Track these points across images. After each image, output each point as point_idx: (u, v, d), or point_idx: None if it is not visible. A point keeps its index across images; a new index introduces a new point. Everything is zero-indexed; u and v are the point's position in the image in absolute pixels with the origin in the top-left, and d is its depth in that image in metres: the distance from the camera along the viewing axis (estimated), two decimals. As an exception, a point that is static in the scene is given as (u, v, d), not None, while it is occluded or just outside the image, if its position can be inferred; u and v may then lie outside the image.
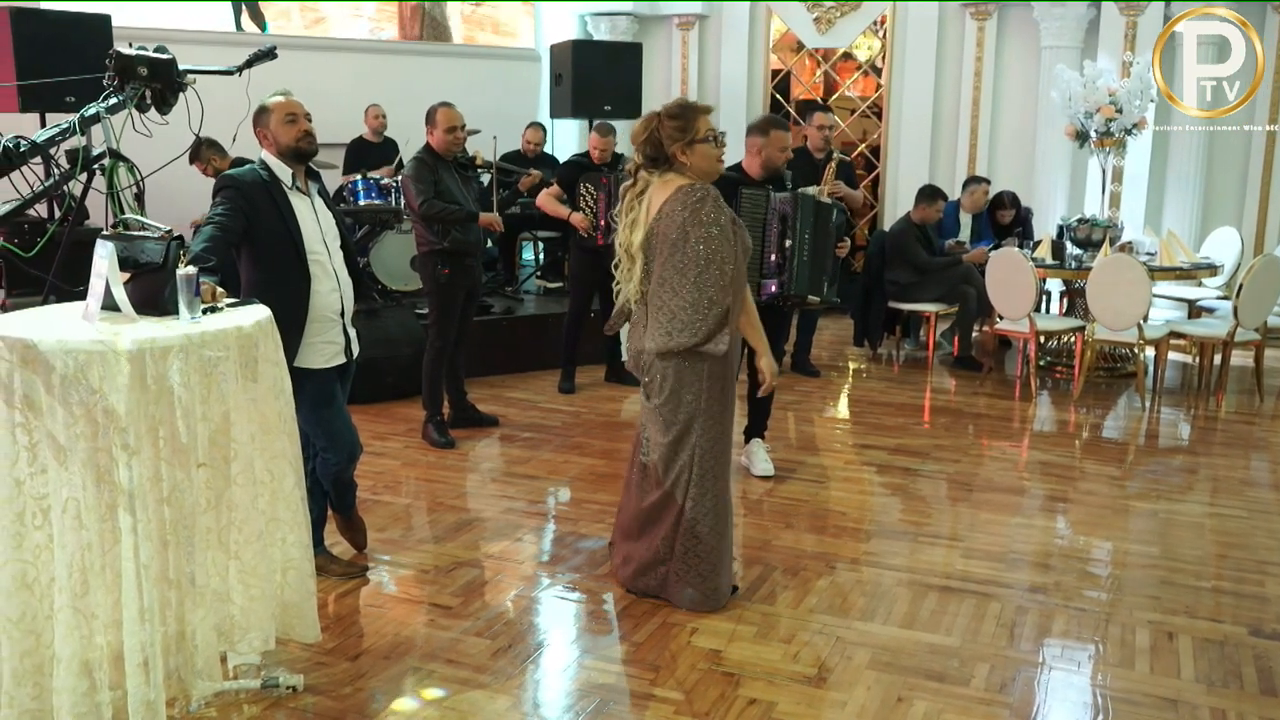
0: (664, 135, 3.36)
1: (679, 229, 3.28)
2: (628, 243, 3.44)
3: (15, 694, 2.44)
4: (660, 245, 3.34)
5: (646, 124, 3.41)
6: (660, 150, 3.38)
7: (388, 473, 4.96)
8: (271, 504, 2.77)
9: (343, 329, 3.55)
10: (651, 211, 3.38)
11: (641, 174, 3.45)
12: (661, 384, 3.43)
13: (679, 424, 3.44)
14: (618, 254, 3.50)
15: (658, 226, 3.35)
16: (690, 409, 3.42)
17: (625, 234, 3.45)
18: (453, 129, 5.12)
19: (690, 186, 3.34)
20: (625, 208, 3.47)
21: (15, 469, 2.39)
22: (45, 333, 2.39)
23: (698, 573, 3.47)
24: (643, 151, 3.42)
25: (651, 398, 3.50)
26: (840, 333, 8.34)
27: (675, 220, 3.29)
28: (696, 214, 3.28)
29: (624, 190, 3.49)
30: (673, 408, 3.43)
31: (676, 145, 3.36)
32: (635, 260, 3.43)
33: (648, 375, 3.49)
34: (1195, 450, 5.52)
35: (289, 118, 3.38)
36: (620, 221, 3.48)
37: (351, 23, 9.43)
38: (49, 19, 6.45)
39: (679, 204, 3.31)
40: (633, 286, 3.45)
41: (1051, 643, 3.34)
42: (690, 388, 3.41)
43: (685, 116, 3.37)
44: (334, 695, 2.96)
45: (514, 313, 7.25)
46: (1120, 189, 8.48)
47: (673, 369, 3.40)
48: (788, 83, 10.00)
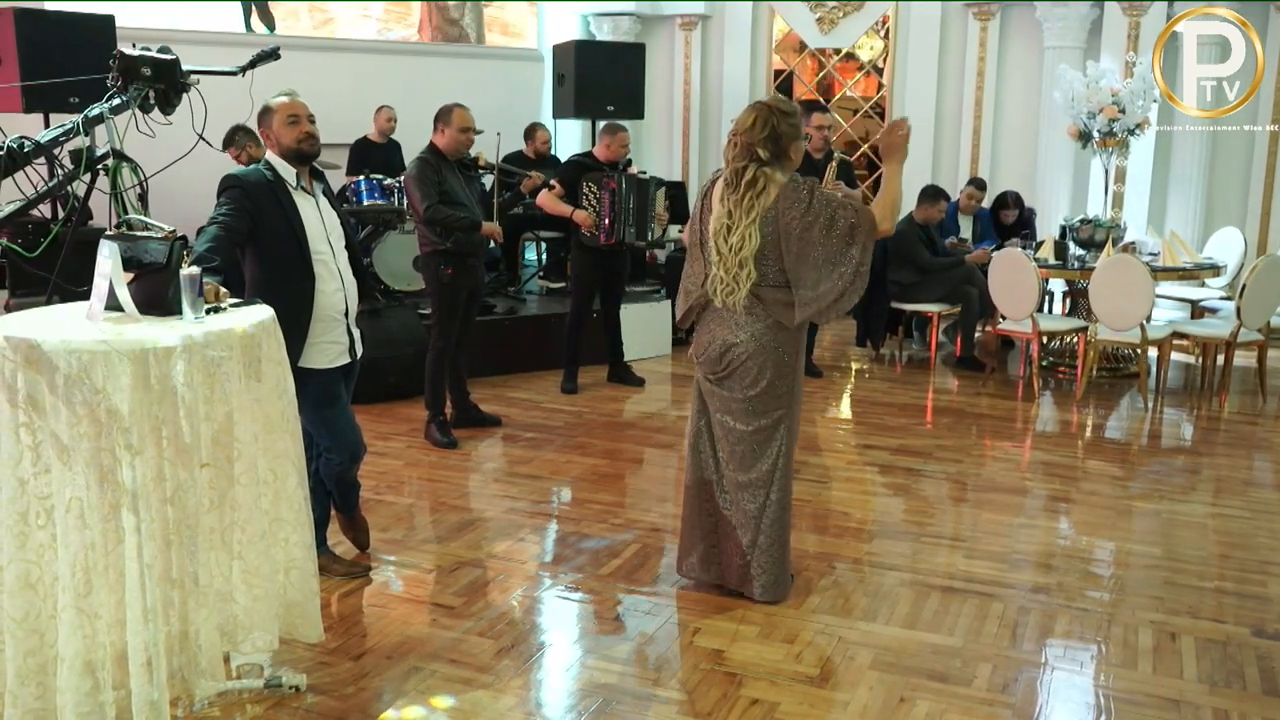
0: (783, 131, 3.30)
1: (815, 217, 3.26)
2: (740, 247, 3.32)
3: (19, 693, 2.45)
4: (786, 243, 3.29)
5: (766, 120, 3.29)
6: (780, 146, 3.31)
7: (390, 473, 4.96)
8: (275, 504, 2.77)
9: (347, 329, 3.55)
10: (767, 209, 3.30)
11: (764, 170, 3.30)
12: (759, 375, 3.40)
13: (772, 415, 3.44)
14: (709, 250, 3.41)
15: (779, 226, 3.29)
16: (783, 399, 3.45)
17: (740, 237, 3.31)
18: (466, 130, 5.13)
19: (794, 182, 3.31)
20: (744, 208, 3.31)
21: (19, 469, 2.39)
22: (49, 333, 2.40)
23: (780, 562, 3.54)
24: (765, 148, 3.29)
25: (739, 389, 3.43)
26: (842, 333, 8.34)
27: (800, 213, 3.27)
28: (821, 197, 3.28)
29: (744, 189, 3.32)
30: (768, 398, 3.43)
31: (794, 143, 3.34)
32: (746, 266, 3.33)
33: (737, 365, 3.41)
34: (1198, 451, 5.52)
35: (291, 119, 3.37)
36: (731, 219, 3.35)
37: (361, 23, 9.44)
38: (53, 19, 6.46)
39: (792, 199, 3.28)
40: (743, 292, 3.35)
41: (1054, 643, 3.34)
42: (784, 379, 3.43)
43: (798, 114, 3.38)
44: (337, 695, 2.96)
45: (516, 313, 7.25)
46: (1123, 189, 8.48)
47: (771, 359, 3.39)
48: (790, 83, 10.01)
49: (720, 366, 3.46)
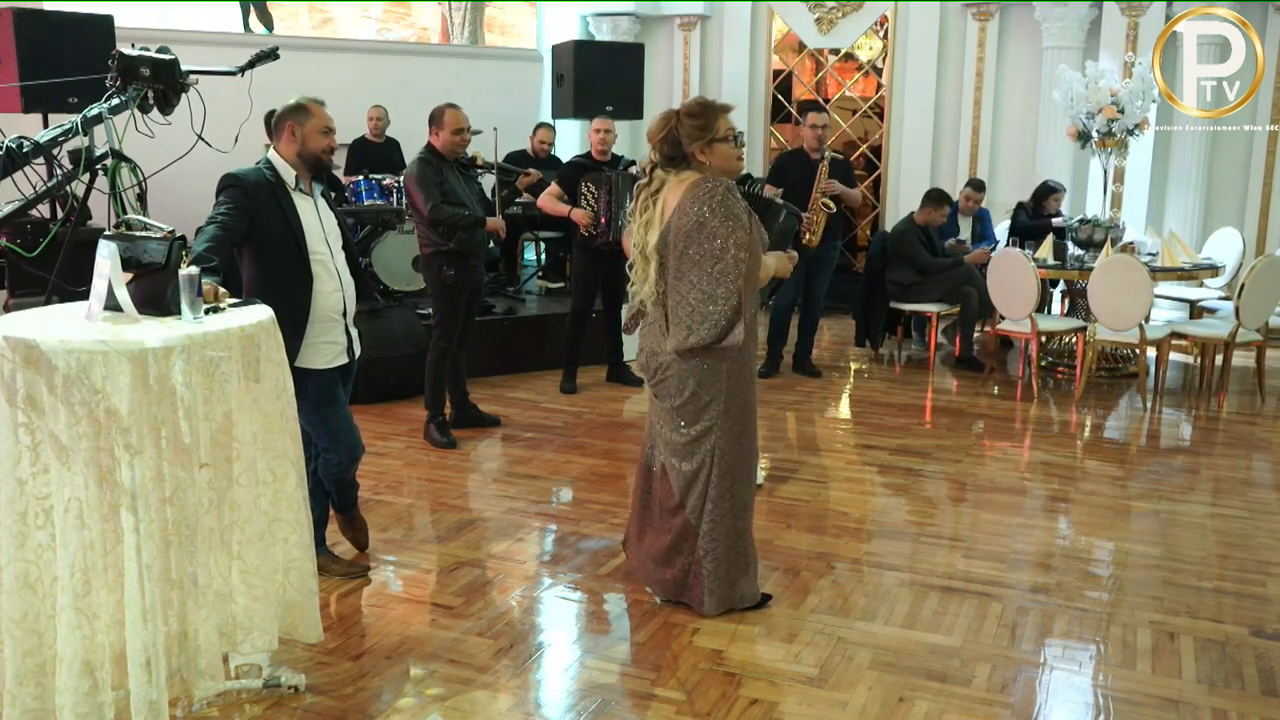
0: (683, 134, 3.26)
1: (694, 222, 3.18)
2: (642, 243, 3.32)
3: (18, 694, 2.45)
4: (675, 240, 3.24)
5: (665, 122, 3.30)
6: (678, 149, 3.28)
7: (390, 473, 4.96)
8: (274, 504, 2.77)
9: (345, 329, 3.55)
10: (667, 210, 3.28)
11: (657, 173, 3.34)
12: (680, 386, 3.33)
13: (698, 426, 3.35)
14: (632, 255, 3.41)
15: (674, 223, 3.24)
16: (710, 410, 3.34)
17: (640, 234, 3.34)
18: (459, 130, 5.13)
19: (703, 179, 3.23)
20: (639, 207, 3.35)
21: (18, 469, 2.39)
22: (48, 333, 2.40)
23: (718, 577, 3.41)
24: (660, 150, 3.31)
25: (666, 399, 3.40)
26: (842, 333, 8.34)
27: (690, 214, 3.19)
28: (710, 204, 3.18)
29: (638, 189, 3.39)
30: (692, 410, 3.35)
31: (696, 144, 3.25)
32: (650, 261, 3.31)
33: (661, 376, 3.38)
34: (1197, 451, 5.52)
35: (326, 129, 3.42)
36: (634, 221, 3.38)
37: (360, 24, 9.44)
38: (52, 20, 6.45)
39: (693, 198, 3.21)
40: (648, 288, 3.35)
41: (1053, 643, 3.34)
42: (709, 389, 3.33)
43: (705, 115, 3.28)
44: (336, 695, 2.96)
45: (516, 313, 7.24)
46: (1122, 189, 8.48)
47: (692, 370, 3.30)
48: (789, 83, 10.01)
49: (652, 377, 3.44)
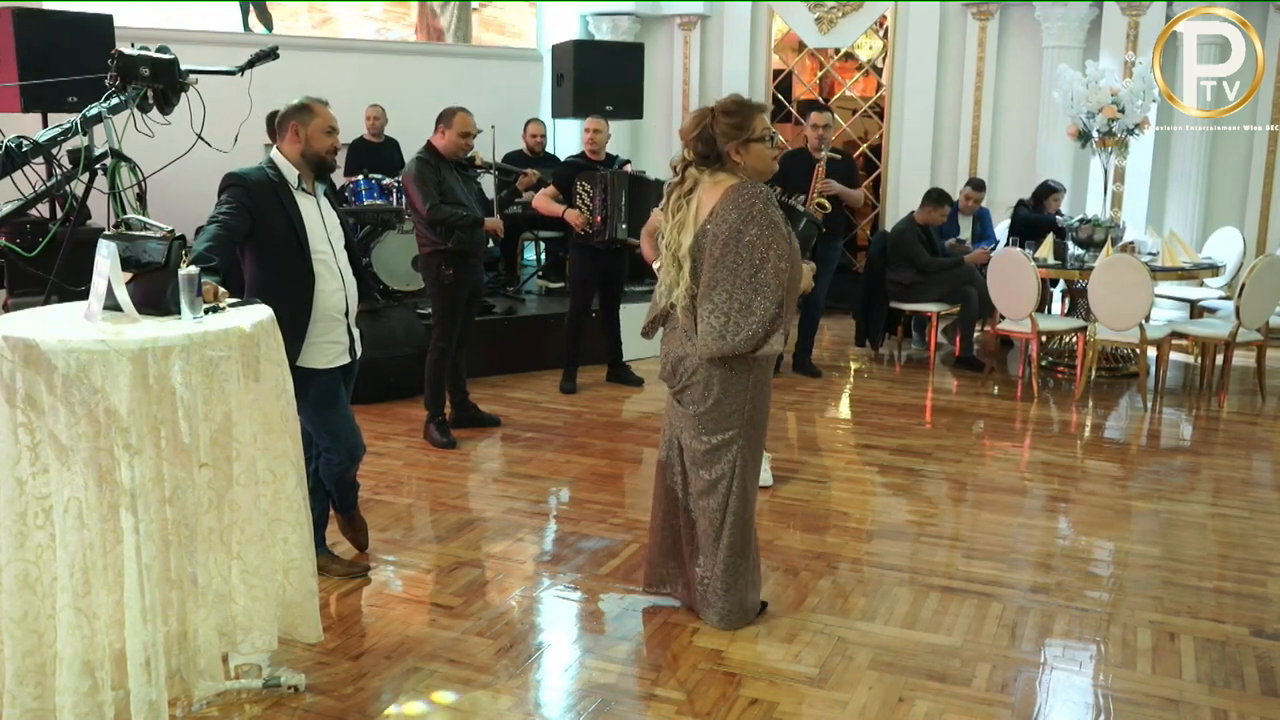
0: (717, 132, 3.15)
1: (731, 228, 3.07)
2: (675, 245, 3.20)
3: (17, 694, 2.45)
4: (711, 246, 3.12)
5: (699, 119, 3.19)
6: (712, 147, 3.17)
7: (390, 473, 4.96)
8: (274, 504, 2.77)
9: (347, 329, 3.55)
10: (701, 212, 3.16)
11: (690, 172, 3.22)
12: (705, 392, 3.24)
13: (721, 433, 3.27)
14: (662, 256, 3.31)
15: (708, 227, 3.13)
16: (734, 418, 3.25)
17: (673, 236, 3.21)
18: (467, 134, 5.13)
19: (741, 184, 3.13)
20: (672, 207, 3.24)
21: (17, 469, 2.39)
22: (47, 332, 2.39)
23: (735, 588, 3.36)
24: (693, 148, 3.20)
25: (690, 405, 3.29)
26: (842, 333, 8.34)
27: (727, 220, 3.08)
28: (750, 213, 3.07)
29: (669, 188, 3.27)
30: (716, 416, 3.25)
31: (731, 144, 3.15)
32: (683, 264, 3.19)
33: (686, 381, 3.28)
34: (1197, 451, 5.52)
35: (330, 129, 3.43)
36: (665, 223, 3.28)
37: (360, 23, 9.43)
38: (51, 19, 6.45)
39: (731, 203, 3.10)
40: (680, 291, 3.21)
41: (1053, 643, 3.34)
42: (735, 396, 3.24)
43: (741, 113, 3.17)
44: (336, 695, 2.96)
45: (515, 313, 7.24)
46: (1122, 189, 8.48)
47: (719, 376, 3.21)
48: (789, 83, 10.01)
49: (675, 381, 3.35)
